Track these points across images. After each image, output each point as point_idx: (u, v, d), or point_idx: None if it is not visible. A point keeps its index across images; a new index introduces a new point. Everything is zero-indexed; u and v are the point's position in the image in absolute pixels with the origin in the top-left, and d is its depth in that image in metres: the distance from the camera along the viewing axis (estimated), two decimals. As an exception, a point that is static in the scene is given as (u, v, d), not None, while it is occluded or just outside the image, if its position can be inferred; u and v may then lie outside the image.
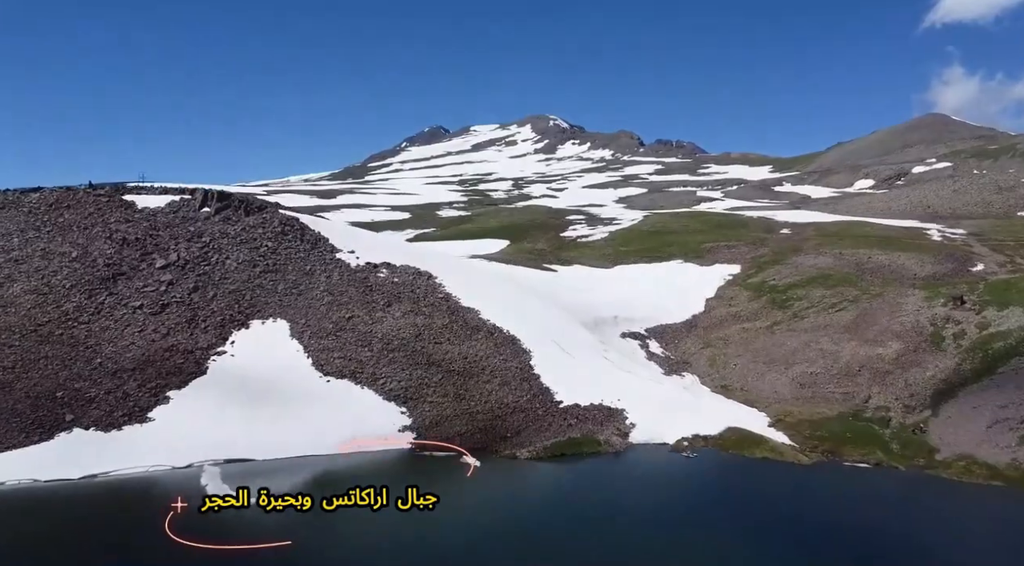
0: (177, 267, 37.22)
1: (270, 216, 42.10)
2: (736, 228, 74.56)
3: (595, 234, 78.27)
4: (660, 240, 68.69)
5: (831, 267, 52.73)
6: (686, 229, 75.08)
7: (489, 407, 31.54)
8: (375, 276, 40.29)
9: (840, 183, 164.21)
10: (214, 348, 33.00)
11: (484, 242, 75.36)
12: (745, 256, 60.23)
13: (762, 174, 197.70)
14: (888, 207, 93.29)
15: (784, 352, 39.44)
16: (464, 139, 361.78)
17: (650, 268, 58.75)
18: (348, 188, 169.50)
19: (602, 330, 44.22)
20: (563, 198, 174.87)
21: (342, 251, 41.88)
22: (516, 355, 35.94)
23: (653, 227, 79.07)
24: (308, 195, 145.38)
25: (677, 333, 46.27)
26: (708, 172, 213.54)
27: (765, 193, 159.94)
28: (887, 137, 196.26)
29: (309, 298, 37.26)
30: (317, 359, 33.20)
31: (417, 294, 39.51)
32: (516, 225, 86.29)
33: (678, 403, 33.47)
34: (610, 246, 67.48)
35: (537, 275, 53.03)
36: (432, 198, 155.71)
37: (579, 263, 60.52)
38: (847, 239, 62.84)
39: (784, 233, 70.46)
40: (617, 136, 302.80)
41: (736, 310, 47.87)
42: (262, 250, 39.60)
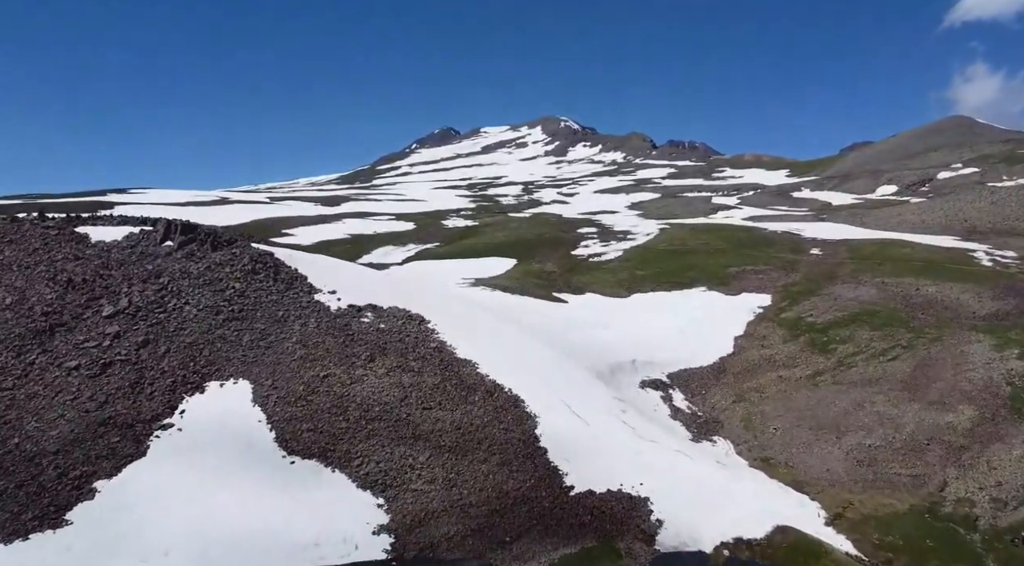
0: (127, 316, 31.83)
1: (240, 252, 36.60)
2: (761, 247, 68.50)
3: (608, 252, 72.45)
4: (680, 262, 62.75)
5: (875, 301, 46.61)
6: (707, 248, 69.10)
7: (485, 496, 25.87)
8: (358, 322, 34.67)
9: (862, 189, 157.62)
10: (159, 420, 27.60)
11: (489, 261, 69.75)
12: (775, 283, 54.21)
13: (779, 179, 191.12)
14: (922, 220, 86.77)
15: (833, 414, 33.51)
16: (474, 141, 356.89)
17: (670, 297, 52.83)
18: (353, 194, 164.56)
19: (619, 380, 38.39)
20: (574, 204, 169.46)
21: (322, 291, 36.27)
22: (519, 422, 30.22)
23: (671, 244, 73.11)
24: (312, 202, 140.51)
25: (704, 380, 40.34)
26: (722, 176, 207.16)
27: (783, 200, 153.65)
28: (909, 140, 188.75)
29: (279, 352, 31.74)
30: (282, 433, 27.68)
31: (406, 344, 33.85)
32: (524, 241, 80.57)
33: (713, 487, 27.62)
34: (625, 269, 61.58)
35: (546, 309, 47.27)
36: (439, 204, 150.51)
37: (592, 290, 54.68)
38: (887, 264, 56.64)
39: (815, 254, 64.31)
40: (629, 138, 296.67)
41: (770, 353, 41.88)
42: (228, 293, 34.13)
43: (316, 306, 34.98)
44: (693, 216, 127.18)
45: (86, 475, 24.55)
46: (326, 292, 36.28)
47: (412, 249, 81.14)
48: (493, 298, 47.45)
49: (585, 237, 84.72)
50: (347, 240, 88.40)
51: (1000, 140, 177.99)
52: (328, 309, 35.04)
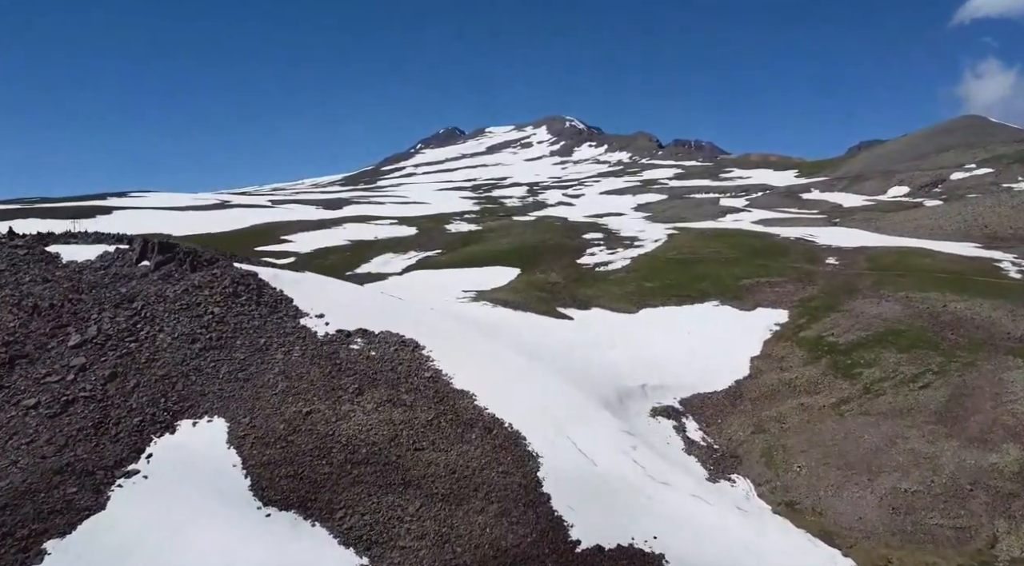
0: (95, 345, 29.24)
1: (221, 272, 33.94)
2: (775, 256, 65.51)
3: (615, 260, 69.57)
4: (690, 272, 59.84)
5: (900, 319, 43.63)
6: (718, 257, 66.14)
7: (481, 555, 23.14)
8: (347, 350, 31.97)
9: (873, 190, 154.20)
10: (123, 465, 25.02)
11: (492, 271, 66.99)
12: (792, 298, 51.25)
13: (788, 179, 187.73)
14: (939, 226, 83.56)
15: (862, 451, 30.66)
16: (479, 141, 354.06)
17: (680, 313, 49.93)
18: (356, 196, 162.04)
19: (628, 408, 35.58)
20: (579, 206, 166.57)
21: (308, 315, 33.59)
22: (520, 464, 27.46)
23: (680, 252, 70.18)
24: (314, 205, 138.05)
25: (719, 407, 37.50)
26: (730, 176, 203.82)
27: (793, 201, 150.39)
28: (920, 140, 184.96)
29: (259, 385, 29.08)
30: (258, 480, 25.03)
31: (398, 373, 31.12)
32: (528, 248, 77.77)
33: (734, 540, 24.80)
34: (633, 280, 58.69)
35: (550, 327, 44.46)
36: (442, 207, 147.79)
37: (598, 305, 51.83)
38: (909, 276, 53.60)
39: (832, 264, 61.29)
40: (635, 138, 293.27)
41: (790, 377, 38.99)
42: (206, 319, 31.51)
43: (302, 332, 32.29)
44: (701, 219, 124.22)
45: (35, 534, 21.93)
46: (313, 316, 33.59)
47: (413, 257, 78.48)
48: (494, 316, 44.66)
49: (591, 244, 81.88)
50: (346, 247, 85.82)
51: (1014, 140, 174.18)
52: (315, 335, 32.34)
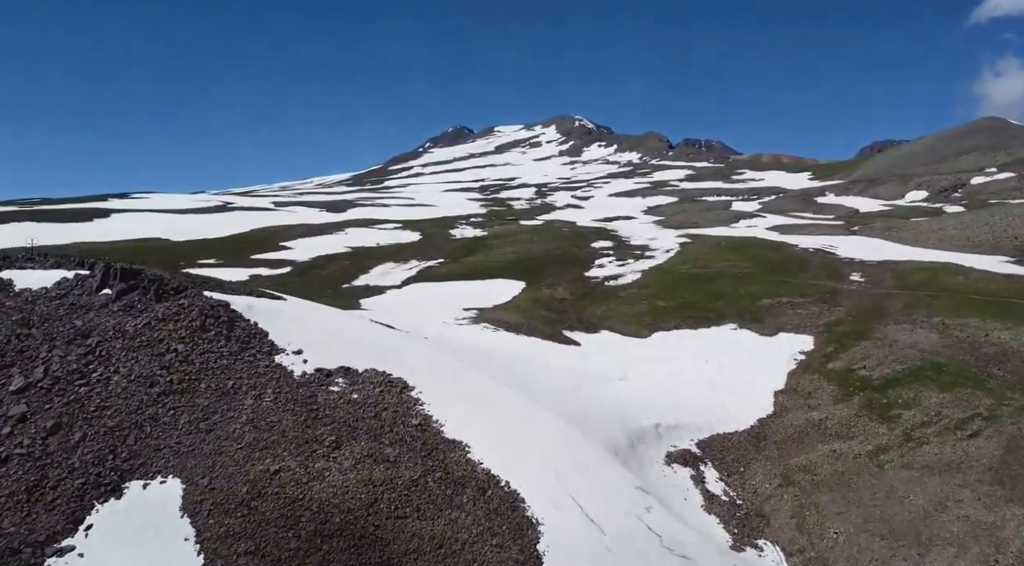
0: (40, 390, 25.82)
1: (188, 303, 30.40)
2: (795, 271, 61.46)
3: (625, 274, 65.71)
4: (705, 290, 55.92)
5: (938, 350, 39.62)
6: (734, 271, 62.18)
7: (469, 658, 19.51)
8: (326, 392, 28.37)
9: (890, 194, 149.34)
10: (56, 540, 21.51)
11: (495, 285, 63.30)
12: (816, 321, 47.27)
13: (801, 182, 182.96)
14: (967, 237, 79.13)
15: (909, 517, 26.79)
16: (488, 140, 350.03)
17: (696, 337, 46.05)
18: (361, 198, 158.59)
19: (640, 454, 31.80)
20: (588, 209, 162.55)
21: (285, 351, 29.99)
22: (517, 534, 23.78)
23: (694, 266, 66.21)
24: (318, 207, 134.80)
25: (741, 451, 33.65)
26: (742, 178, 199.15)
27: (807, 205, 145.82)
28: (938, 142, 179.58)
29: (223, 436, 25.57)
30: (212, 557, 21.52)
31: (382, 421, 27.49)
32: (534, 258, 74.01)
33: (766, 635, 21.05)
34: (644, 298, 54.82)
35: (555, 356, 40.69)
36: (448, 210, 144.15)
37: (607, 327, 48.04)
38: (942, 297, 49.48)
39: (857, 281, 57.22)
40: (645, 138, 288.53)
41: (820, 417, 35.11)
42: (168, 357, 28.02)
43: (276, 372, 28.69)
44: (714, 225, 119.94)
45: (-59, 633, 18.56)
46: (290, 352, 29.98)
47: (414, 267, 74.89)
48: (494, 342, 40.94)
49: (600, 253, 78.04)
50: (346, 255, 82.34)
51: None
52: (290, 375, 28.73)
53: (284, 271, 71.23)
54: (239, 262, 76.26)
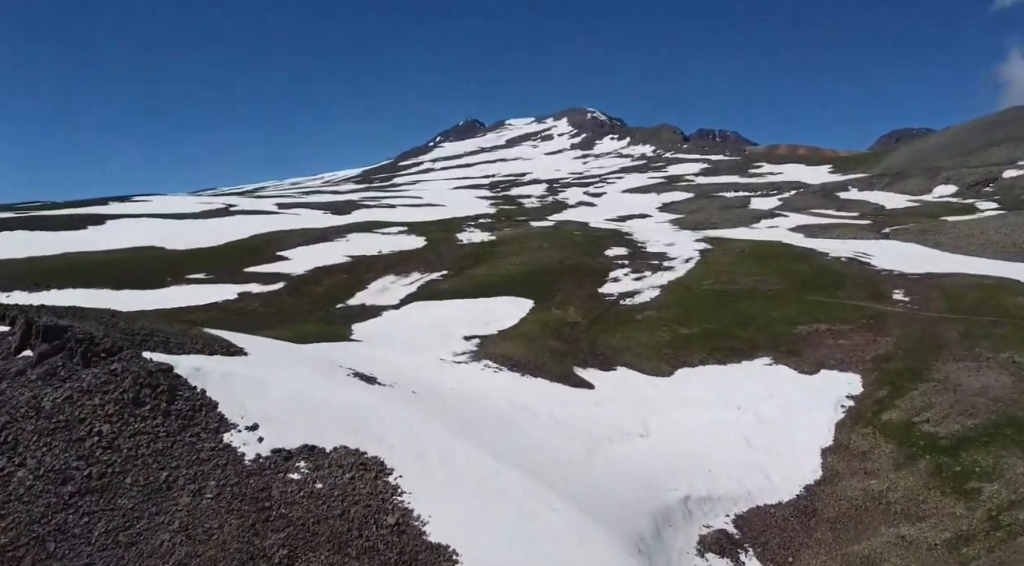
0: (-78, 492, 20.72)
1: (122, 369, 25.09)
2: (829, 287, 55.29)
3: (642, 290, 59.78)
4: (731, 312, 49.96)
5: (1015, 399, 33.52)
6: (762, 288, 56.11)
7: None
8: (283, 482, 22.97)
9: (916, 189, 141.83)
10: None
11: (500, 304, 57.64)
12: (862, 355, 41.22)
13: (822, 175, 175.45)
14: (1012, 242, 72.30)
15: (1014, 648, 21.16)
16: (498, 134, 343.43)
17: (726, 375, 40.22)
18: (368, 197, 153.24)
19: (667, 543, 26.15)
20: (601, 206, 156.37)
21: (237, 427, 24.55)
22: None
23: (717, 280, 60.13)
24: (322, 210, 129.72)
25: (787, 532, 27.91)
26: (759, 172, 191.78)
27: (830, 202, 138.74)
28: (965, 133, 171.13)
29: (146, 552, 20.29)
30: None
31: (350, 523, 22.03)
32: (543, 271, 68.19)
33: None
34: (664, 322, 48.94)
35: (565, 403, 35.01)
36: (456, 210, 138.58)
37: (625, 362, 42.25)
38: (1007, 323, 43.14)
39: (901, 301, 51.01)
40: (658, 130, 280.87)
41: (879, 488, 29.25)
42: (90, 443, 22.81)
43: (223, 456, 23.30)
44: (733, 225, 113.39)
45: None
46: (243, 428, 24.54)
47: (415, 281, 69.40)
48: (495, 388, 35.25)
49: (614, 264, 72.12)
50: (345, 266, 77.00)
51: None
52: (240, 460, 23.33)
53: (276, 287, 65.99)
54: (231, 276, 71.17)
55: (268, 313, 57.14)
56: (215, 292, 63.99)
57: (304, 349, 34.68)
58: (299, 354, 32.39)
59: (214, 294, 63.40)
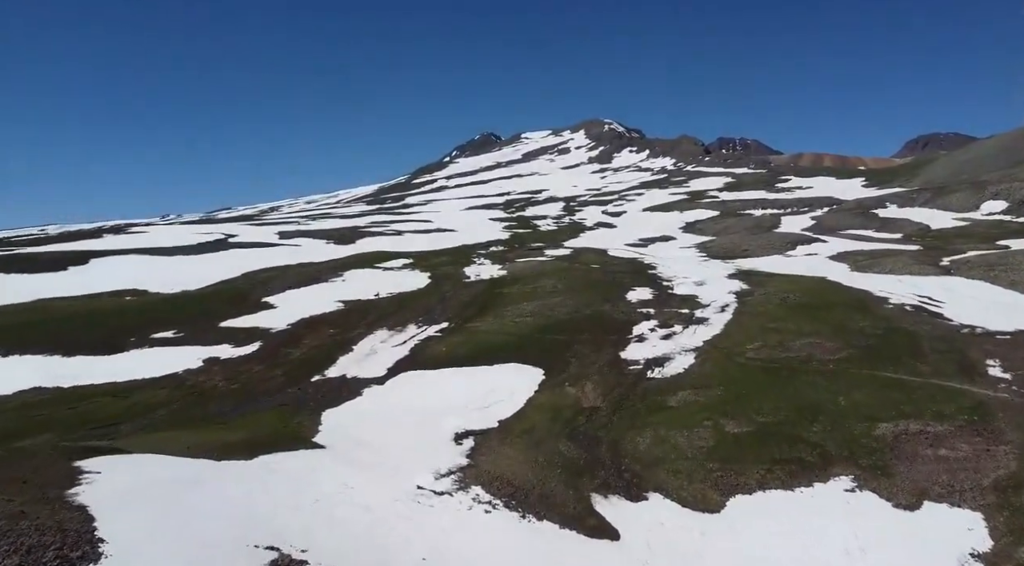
0: None
1: None
2: (905, 357, 44.50)
3: (673, 354, 49.43)
4: (789, 399, 39.53)
5: None
6: (820, 357, 45.51)
7: None
8: None
9: (962, 205, 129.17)
10: None
11: (504, 376, 47.63)
12: (976, 478, 30.60)
13: (855, 190, 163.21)
14: (1107, 284, 60.80)
15: None
16: (515, 148, 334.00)
17: (795, 510, 29.83)
18: (376, 222, 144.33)
19: None
20: (621, 227, 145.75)
21: None
22: None
23: (764, 342, 49.63)
24: (325, 239, 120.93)
25: None
26: (787, 186, 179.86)
27: (869, 221, 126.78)
28: (1012, 141, 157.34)
29: None
30: None
31: None
32: (556, 325, 58.12)
33: None
34: (706, 413, 38.57)
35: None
36: (468, 235, 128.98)
37: (658, 487, 31.96)
38: None
39: (1001, 380, 40.08)
40: (679, 142, 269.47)
41: None
42: None
43: None
44: (767, 252, 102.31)
45: None
46: None
47: (409, 338, 59.67)
48: (483, 555, 25.30)
49: (638, 313, 61.86)
50: (336, 315, 67.60)
51: None
52: None
53: (250, 350, 56.67)
54: (203, 334, 62.07)
55: (230, 391, 47.77)
56: (178, 358, 54.86)
57: (216, 505, 24.86)
58: (200, 527, 22.61)
59: (176, 361, 54.26)
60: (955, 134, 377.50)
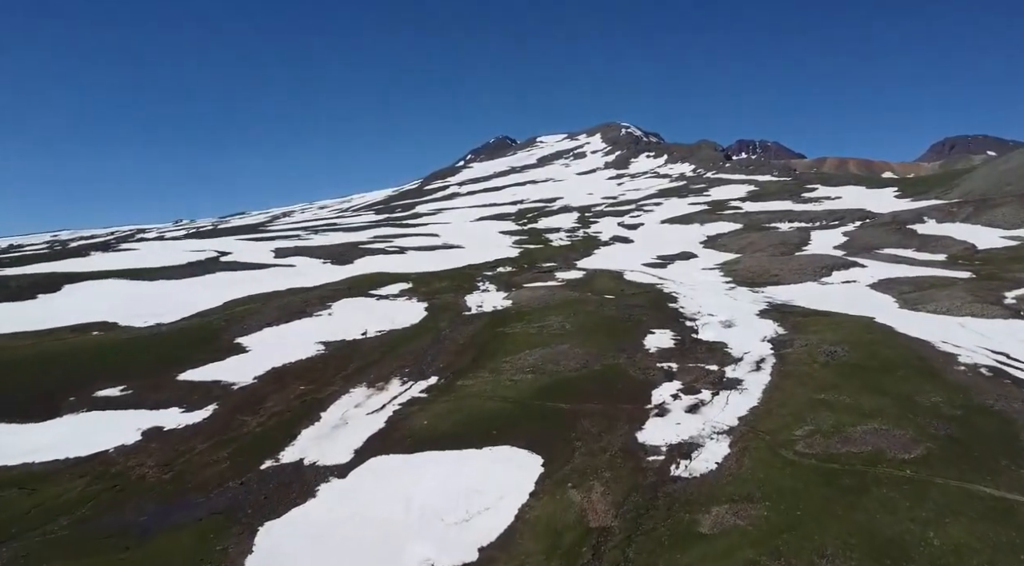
0: None
1: None
2: (999, 455, 34.39)
3: (704, 440, 39.49)
4: (861, 527, 29.55)
5: None
6: (891, 455, 35.38)
7: None
8: None
9: (1009, 220, 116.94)
10: None
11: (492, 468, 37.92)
12: None
13: (888, 201, 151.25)
14: None
15: None
16: (529, 152, 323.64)
17: None
18: (379, 237, 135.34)
19: None
20: (638, 241, 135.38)
21: None
22: None
23: (816, 427, 39.57)
24: (321, 258, 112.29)
25: None
26: (814, 195, 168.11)
27: (906, 238, 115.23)
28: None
29: None
30: None
31: None
32: (560, 388, 48.47)
33: None
34: (756, 553, 28.92)
35: None
36: (474, 252, 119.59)
37: None
38: None
39: None
40: (698, 147, 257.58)
41: None
42: None
43: None
44: (799, 278, 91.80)
45: None
46: None
47: (390, 400, 50.19)
48: None
49: (656, 368, 51.97)
50: (313, 364, 58.46)
51: None
52: None
53: (199, 419, 47.66)
54: (156, 389, 53.28)
55: (159, 484, 38.67)
56: (114, 429, 45.94)
57: None
58: None
59: (111, 433, 45.32)
60: (984, 137, 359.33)
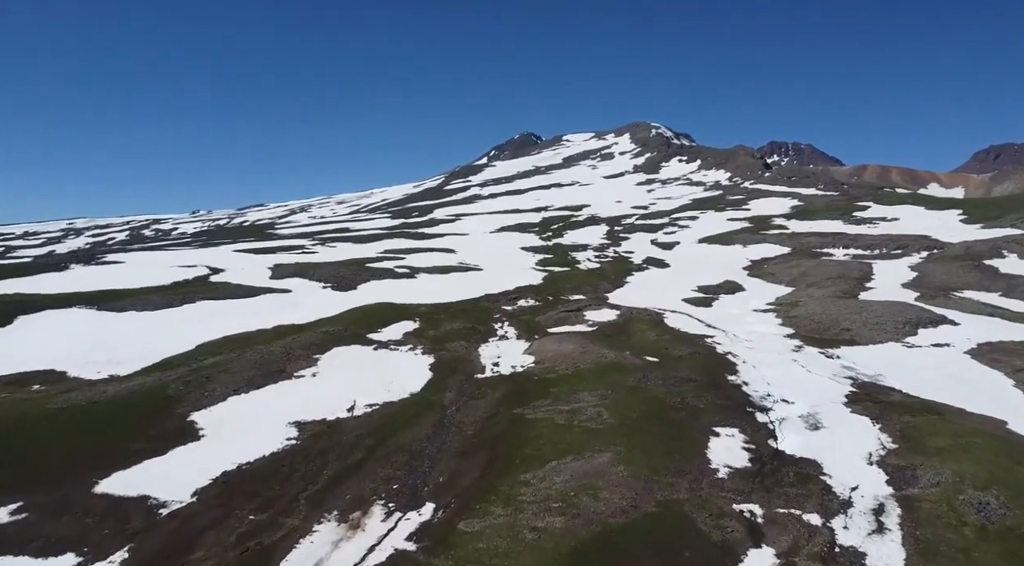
0: None
1: None
2: None
3: None
4: None
5: None
6: None
7: None
8: None
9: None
10: None
11: None
12: None
13: (953, 226, 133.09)
14: None
15: None
16: (555, 151, 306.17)
17: None
18: (390, 253, 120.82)
19: None
20: (675, 266, 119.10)
21: None
22: None
23: None
24: (321, 282, 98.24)
25: None
26: (867, 216, 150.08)
27: (988, 277, 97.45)
28: None
29: None
30: None
31: None
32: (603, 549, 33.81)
33: None
34: None
35: None
36: (493, 276, 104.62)
37: None
38: None
39: None
40: (734, 153, 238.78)
41: None
42: None
43: None
44: (877, 334, 75.80)
45: None
46: None
47: (365, 551, 35.57)
48: None
49: (735, 514, 36.59)
50: (279, 462, 44.05)
51: None
52: None
53: (98, 578, 33.07)
54: (60, 509, 39.16)
55: None
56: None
57: None
58: None
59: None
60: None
